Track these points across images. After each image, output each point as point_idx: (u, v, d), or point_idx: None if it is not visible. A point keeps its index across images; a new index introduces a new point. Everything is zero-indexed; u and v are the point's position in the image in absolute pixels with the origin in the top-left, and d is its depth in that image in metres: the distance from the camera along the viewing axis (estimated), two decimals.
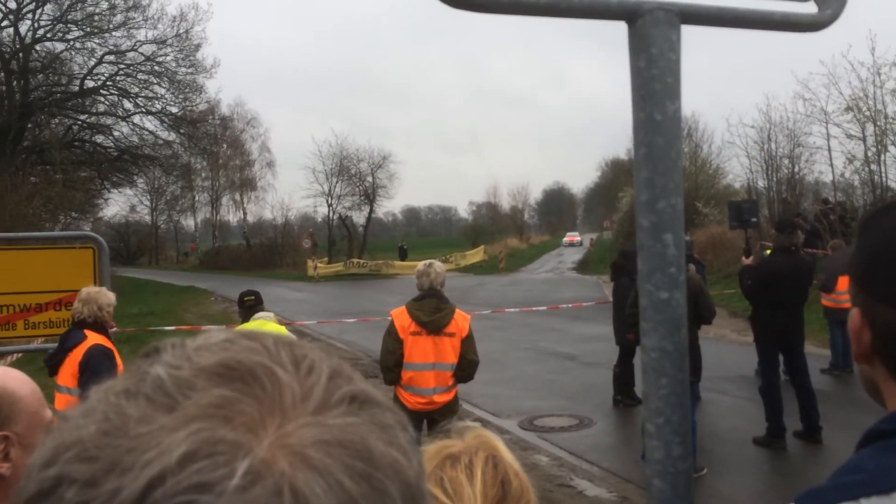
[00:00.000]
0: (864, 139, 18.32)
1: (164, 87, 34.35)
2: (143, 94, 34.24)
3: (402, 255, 45.09)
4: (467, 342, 5.51)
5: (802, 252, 8.88)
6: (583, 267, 40.43)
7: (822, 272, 10.63)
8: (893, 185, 18.54)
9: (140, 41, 32.76)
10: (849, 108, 18.29)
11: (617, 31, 1.06)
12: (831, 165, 20.30)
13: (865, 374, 1.02)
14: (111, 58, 33.07)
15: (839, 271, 9.84)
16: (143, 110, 34.45)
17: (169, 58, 33.76)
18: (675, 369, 1.02)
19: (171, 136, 36.49)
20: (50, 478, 0.38)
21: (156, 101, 34.52)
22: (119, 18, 31.82)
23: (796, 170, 23.27)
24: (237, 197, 60.54)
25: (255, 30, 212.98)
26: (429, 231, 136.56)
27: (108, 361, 4.67)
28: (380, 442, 0.41)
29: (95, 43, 32.40)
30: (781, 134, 23.16)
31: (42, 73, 31.79)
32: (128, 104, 34.36)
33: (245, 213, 60.60)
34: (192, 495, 0.35)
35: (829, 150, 19.89)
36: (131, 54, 33.11)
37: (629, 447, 7.72)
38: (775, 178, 23.85)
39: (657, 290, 1.03)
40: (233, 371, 0.41)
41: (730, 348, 12.93)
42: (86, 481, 0.37)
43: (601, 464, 7.39)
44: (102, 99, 34.33)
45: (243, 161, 59.31)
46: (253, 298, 6.29)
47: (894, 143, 18.10)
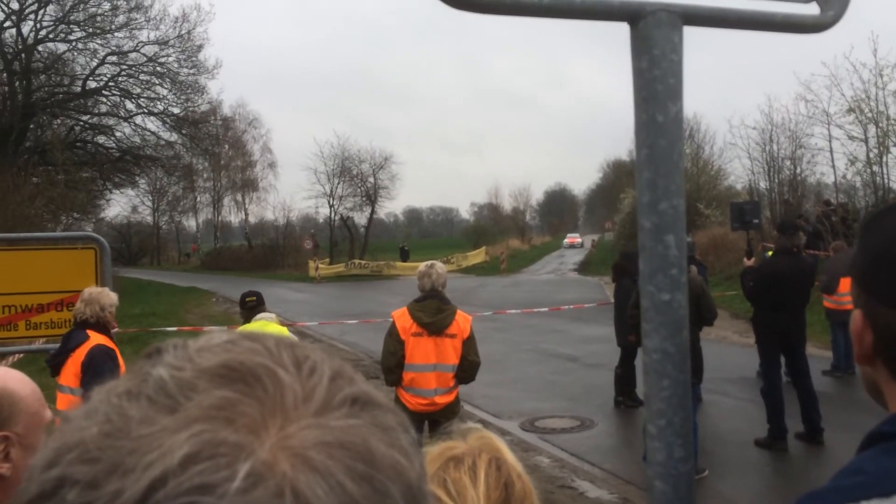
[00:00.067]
0: (866, 140, 18.32)
1: (167, 88, 34.41)
2: (145, 95, 34.28)
3: (403, 256, 45.06)
4: (469, 343, 5.51)
5: (804, 253, 8.87)
6: (584, 268, 40.43)
7: (824, 274, 10.62)
8: (895, 186, 18.54)
9: (142, 42, 32.84)
10: (851, 110, 18.29)
11: (619, 32, 1.06)
12: (833, 167, 20.33)
13: (867, 375, 1.01)
14: (113, 58, 33.10)
15: (841, 273, 9.84)
16: (145, 111, 34.49)
17: (171, 59, 33.85)
18: (677, 371, 1.02)
19: (173, 136, 36.56)
20: (52, 479, 0.38)
21: (158, 102, 34.56)
22: (121, 19, 31.89)
23: (798, 171, 23.29)
24: (239, 198, 60.69)
25: (257, 31, 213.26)
26: (430, 232, 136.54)
27: (110, 362, 4.68)
28: (381, 444, 0.41)
29: (98, 44, 32.47)
30: (783, 135, 23.22)
31: (44, 73, 31.82)
32: (130, 105, 34.44)
33: (247, 214, 60.76)
34: (194, 497, 0.35)
35: (831, 151, 19.93)
36: (133, 55, 33.16)
37: (630, 449, 7.72)
38: (777, 180, 23.88)
39: (659, 292, 1.02)
40: (235, 372, 0.41)
41: (731, 350, 12.92)
42: (88, 483, 0.37)
43: (602, 465, 7.39)
44: (104, 100, 34.38)
45: (245, 162, 59.42)
46: (255, 299, 6.29)
47: None
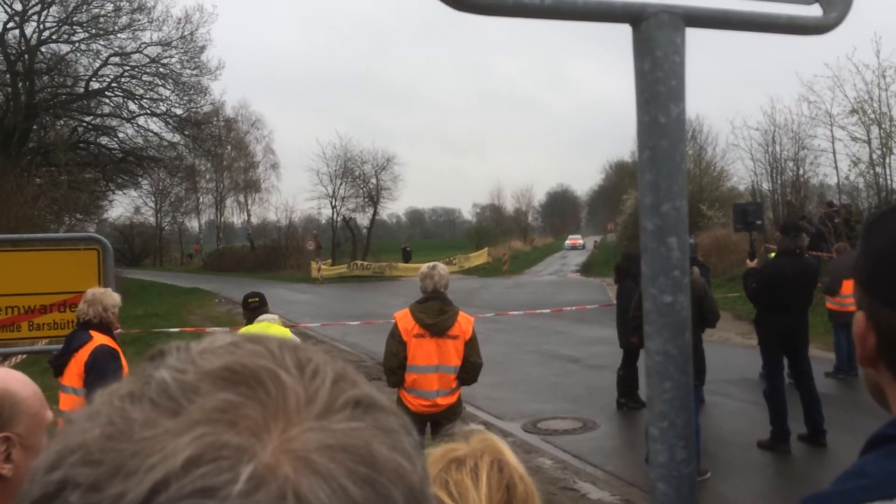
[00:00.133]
0: (868, 142, 18.29)
1: (169, 89, 34.44)
2: (147, 96, 34.32)
3: (405, 258, 45.04)
4: (471, 344, 5.51)
5: (807, 255, 8.85)
6: (586, 269, 40.40)
7: (827, 275, 10.59)
8: None
9: (145, 43, 32.87)
10: (854, 111, 18.25)
11: (621, 33, 1.06)
12: (836, 168, 20.29)
13: (870, 377, 1.01)
14: (116, 59, 33.15)
15: (844, 274, 9.76)
16: (148, 112, 34.53)
17: (174, 60, 33.87)
18: (679, 373, 1.02)
19: (176, 137, 36.59)
20: (54, 481, 0.38)
21: (160, 103, 34.60)
22: (124, 20, 31.92)
23: (801, 172, 23.25)
24: (241, 199, 60.60)
25: (259, 32, 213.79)
26: (432, 233, 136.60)
27: (113, 362, 4.70)
28: (384, 446, 0.41)
29: (101, 45, 32.53)
30: (786, 136, 23.18)
31: (47, 74, 31.88)
32: (133, 106, 34.47)
33: (249, 215, 60.69)
34: (196, 500, 0.35)
35: (834, 152, 19.88)
36: (136, 56, 33.19)
37: (633, 450, 7.71)
38: (780, 181, 23.83)
39: (661, 294, 1.02)
40: (237, 375, 0.41)
41: (734, 351, 12.89)
42: (90, 485, 0.37)
43: (605, 467, 7.38)
44: (107, 100, 34.44)
45: (247, 163, 59.35)
46: (257, 300, 6.29)
47: None
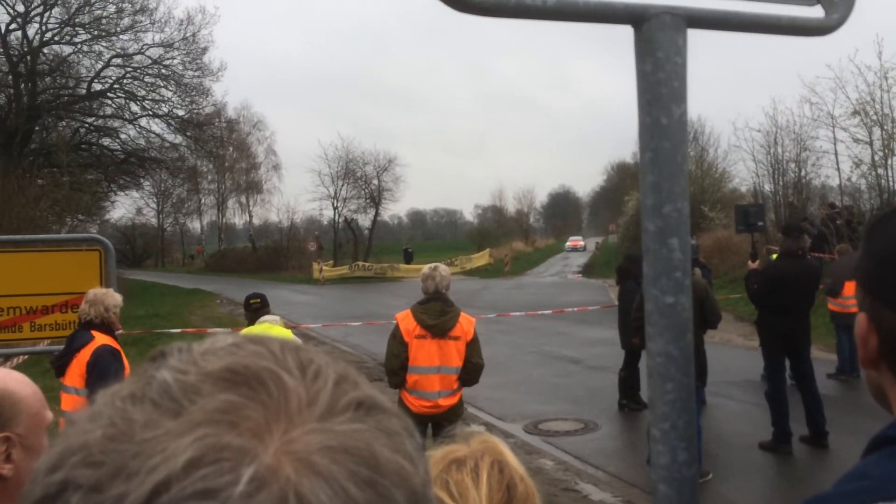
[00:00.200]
0: (870, 143, 18.28)
1: (171, 91, 34.46)
2: (149, 97, 34.33)
3: (407, 259, 45.01)
4: (472, 345, 5.51)
5: (809, 256, 8.85)
6: (588, 270, 40.40)
7: (829, 276, 10.60)
8: None
9: (147, 44, 32.88)
10: (856, 112, 18.23)
11: (623, 34, 1.06)
12: (838, 169, 20.28)
13: (872, 379, 1.01)
14: (118, 61, 33.17)
15: (846, 276, 9.80)
16: (150, 113, 34.56)
17: (176, 61, 33.89)
18: (681, 374, 1.02)
19: (178, 138, 36.59)
20: (55, 482, 0.38)
21: (162, 104, 34.63)
22: (126, 22, 31.95)
23: (803, 174, 23.24)
24: (243, 200, 60.65)
25: (261, 33, 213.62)
26: (434, 234, 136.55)
27: (115, 362, 4.70)
28: (386, 448, 0.41)
29: (103, 46, 32.54)
30: (788, 138, 23.16)
31: (49, 76, 31.90)
32: (135, 107, 34.48)
33: (251, 216, 60.76)
34: (198, 501, 0.35)
35: (836, 154, 19.87)
36: (138, 57, 33.22)
37: (634, 451, 7.71)
38: (782, 182, 23.81)
39: (663, 295, 1.02)
40: (239, 376, 0.41)
41: (736, 353, 12.88)
42: (91, 486, 0.37)
43: (606, 468, 7.37)
44: (109, 102, 34.47)
45: (249, 164, 59.40)
46: (259, 301, 6.29)
47: None
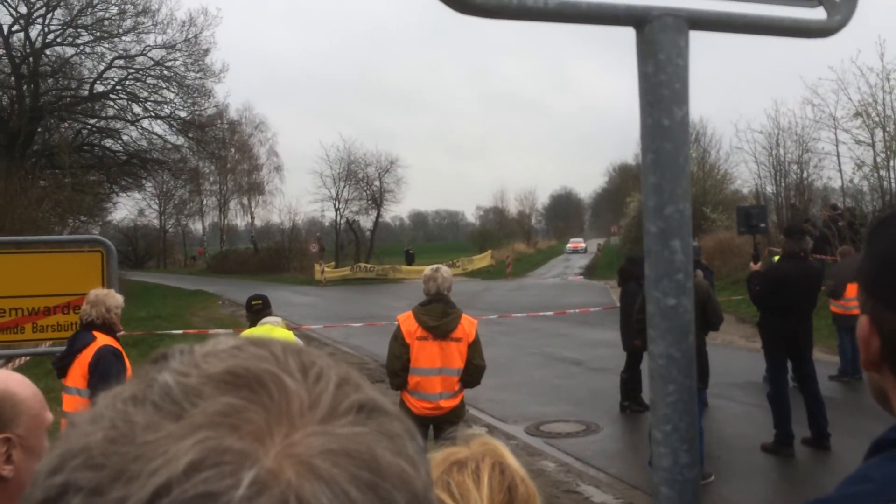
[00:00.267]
0: (872, 145, 18.25)
1: (173, 92, 34.47)
2: (152, 99, 34.37)
3: (408, 260, 45.00)
4: (474, 347, 5.51)
5: (811, 258, 8.84)
6: (590, 272, 40.37)
7: (831, 278, 10.59)
8: None
9: (149, 46, 32.90)
10: (858, 114, 18.20)
11: (625, 36, 1.06)
12: (840, 171, 20.25)
13: (874, 381, 1.01)
14: (121, 62, 33.20)
15: (848, 278, 9.74)
16: (152, 114, 34.59)
17: (178, 62, 33.91)
18: (683, 376, 1.02)
19: (180, 140, 36.61)
20: (56, 485, 0.38)
21: (165, 106, 34.66)
22: (129, 23, 31.98)
23: (805, 175, 23.22)
24: (245, 201, 60.69)
25: (263, 34, 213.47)
26: (436, 236, 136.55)
27: (117, 362, 4.71)
28: (387, 452, 0.41)
29: (105, 47, 32.58)
30: (790, 139, 23.13)
31: (52, 77, 31.94)
32: (137, 108, 34.51)
33: (253, 218, 60.76)
34: None
35: (838, 155, 19.85)
36: (140, 59, 33.25)
37: (636, 453, 7.70)
38: (784, 184, 23.79)
39: (665, 297, 1.02)
40: (240, 379, 0.41)
41: (738, 354, 12.87)
42: (92, 489, 0.37)
43: (608, 470, 7.37)
44: (112, 103, 34.49)
45: (251, 165, 59.46)
46: (261, 302, 6.29)
47: None
